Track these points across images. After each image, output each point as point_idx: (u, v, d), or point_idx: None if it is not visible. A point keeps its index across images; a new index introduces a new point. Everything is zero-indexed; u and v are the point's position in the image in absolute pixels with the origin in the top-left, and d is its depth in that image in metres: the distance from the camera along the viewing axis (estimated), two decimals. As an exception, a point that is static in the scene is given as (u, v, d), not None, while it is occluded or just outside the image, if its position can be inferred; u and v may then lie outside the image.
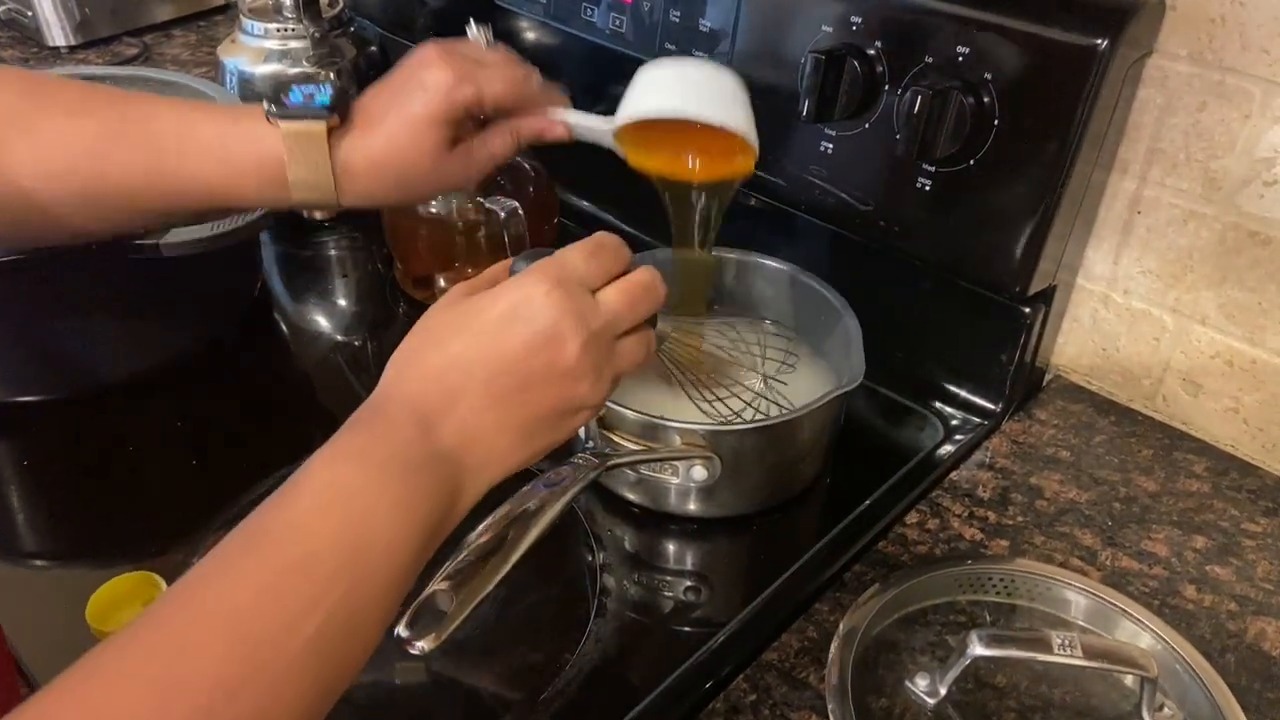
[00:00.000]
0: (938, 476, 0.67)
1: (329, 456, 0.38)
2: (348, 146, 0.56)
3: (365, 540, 0.36)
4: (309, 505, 0.36)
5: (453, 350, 0.42)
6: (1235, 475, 0.68)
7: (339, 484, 0.37)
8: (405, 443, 0.39)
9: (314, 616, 0.33)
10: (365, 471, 0.38)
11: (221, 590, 0.33)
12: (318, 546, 0.35)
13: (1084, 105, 0.59)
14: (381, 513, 0.37)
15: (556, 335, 0.42)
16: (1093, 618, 0.56)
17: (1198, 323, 0.68)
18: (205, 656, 0.31)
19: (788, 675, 0.54)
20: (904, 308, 0.75)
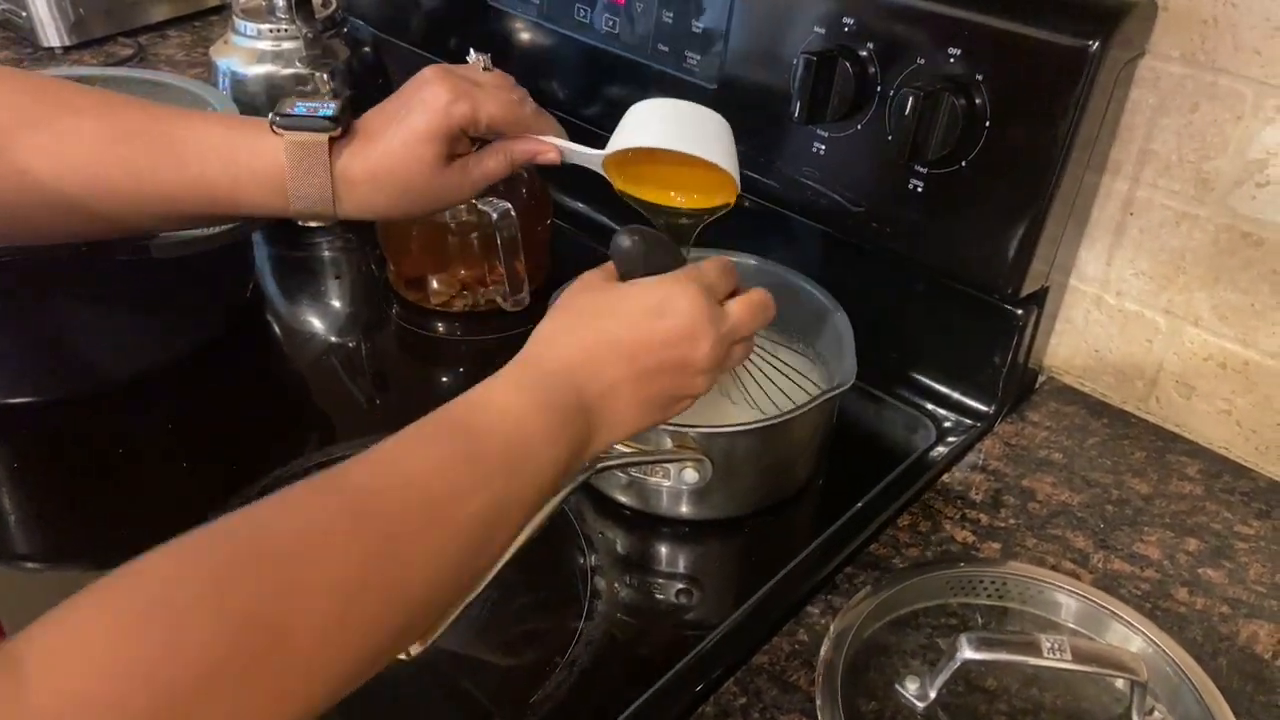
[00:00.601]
0: (930, 479, 0.67)
1: (498, 384, 0.46)
2: (348, 158, 0.58)
3: (521, 454, 0.43)
4: (482, 414, 0.44)
5: (604, 327, 0.49)
6: (1228, 478, 0.67)
7: (505, 404, 0.45)
8: (560, 391, 0.46)
9: (477, 497, 0.41)
10: (525, 400, 0.45)
11: (408, 461, 0.41)
12: (486, 448, 0.42)
13: (1076, 106, 0.58)
14: (537, 438, 0.44)
15: (694, 333, 0.49)
16: (1084, 621, 0.56)
17: (1191, 324, 0.68)
18: (393, 500, 0.38)
19: (778, 678, 0.54)
20: (896, 309, 0.75)
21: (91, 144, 0.56)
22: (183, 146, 0.57)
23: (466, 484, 0.41)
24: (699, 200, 0.62)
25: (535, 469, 0.44)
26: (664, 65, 0.78)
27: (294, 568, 0.34)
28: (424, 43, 1.03)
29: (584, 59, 0.85)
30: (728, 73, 0.74)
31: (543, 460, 0.44)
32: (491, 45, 0.93)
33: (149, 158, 0.57)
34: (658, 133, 0.59)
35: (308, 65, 0.88)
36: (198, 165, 0.57)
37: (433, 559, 0.39)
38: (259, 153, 0.58)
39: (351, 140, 0.59)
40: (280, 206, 0.59)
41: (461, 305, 0.84)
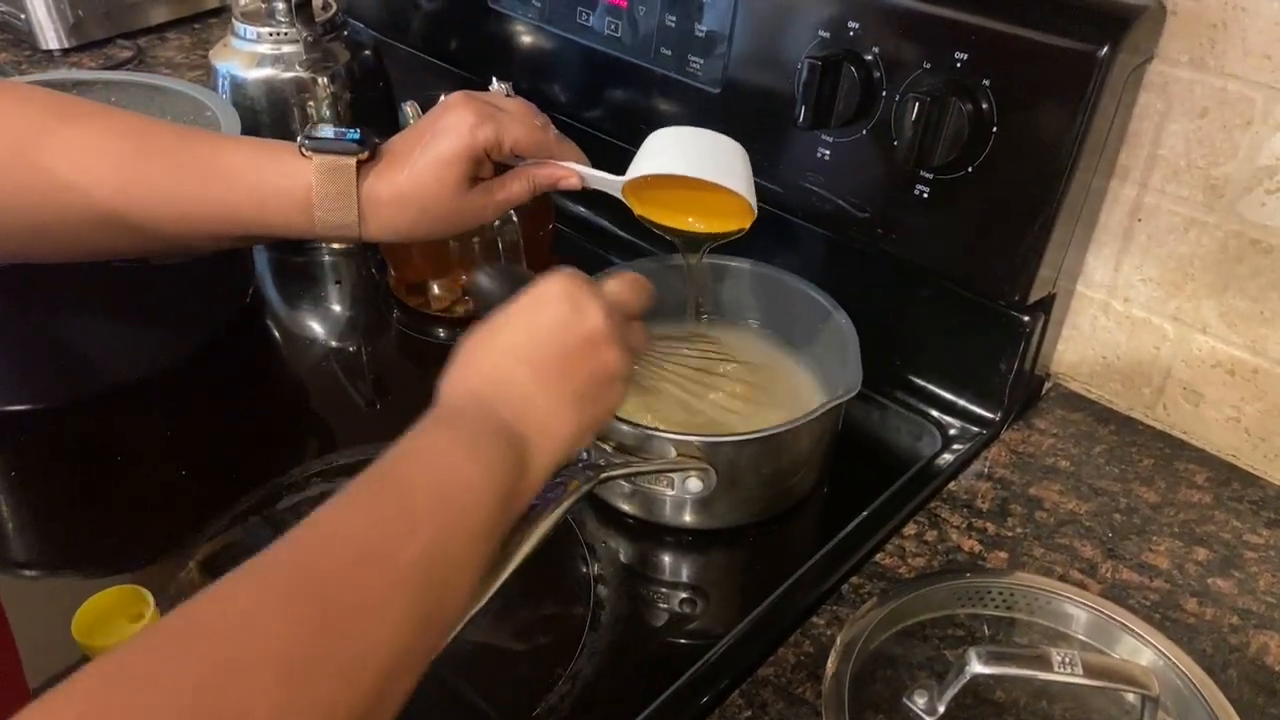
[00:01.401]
0: (936, 487, 0.67)
1: (414, 433, 0.44)
2: (374, 180, 0.59)
3: (450, 490, 0.42)
4: (401, 462, 0.42)
5: (496, 348, 0.48)
6: (1237, 486, 0.67)
7: (423, 444, 0.44)
8: (475, 418, 0.45)
9: (413, 542, 0.39)
10: (445, 438, 0.44)
11: (333, 525, 0.39)
12: (411, 494, 0.41)
13: (1084, 112, 0.58)
14: (463, 467, 0.43)
15: (579, 308, 0.48)
16: (1093, 632, 0.55)
17: (1199, 331, 0.67)
18: (324, 567, 0.37)
19: (784, 691, 0.54)
20: (902, 315, 0.74)
21: (118, 157, 0.56)
22: (210, 166, 0.58)
23: (398, 531, 0.39)
24: (715, 224, 0.64)
25: (470, 501, 0.42)
26: (666, 69, 0.78)
27: (227, 656, 0.32)
28: (425, 46, 1.02)
29: (586, 63, 0.85)
30: (731, 77, 0.74)
31: (476, 490, 0.42)
32: (492, 48, 0.93)
33: (176, 175, 0.57)
34: (677, 160, 0.60)
35: (308, 69, 0.87)
36: (225, 184, 0.58)
37: (380, 618, 0.36)
38: (287, 174, 0.58)
39: (378, 163, 0.59)
40: (306, 228, 0.59)
41: (463, 310, 0.83)
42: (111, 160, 0.56)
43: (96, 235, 0.57)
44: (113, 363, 0.74)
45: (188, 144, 0.58)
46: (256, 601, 0.34)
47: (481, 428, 0.45)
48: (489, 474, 0.43)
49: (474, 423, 0.45)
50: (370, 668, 0.35)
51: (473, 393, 0.47)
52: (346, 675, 0.34)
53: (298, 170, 0.58)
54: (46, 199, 0.55)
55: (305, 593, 0.35)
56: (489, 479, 0.43)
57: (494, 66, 0.94)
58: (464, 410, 0.46)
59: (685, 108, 0.78)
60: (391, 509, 0.40)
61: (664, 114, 0.80)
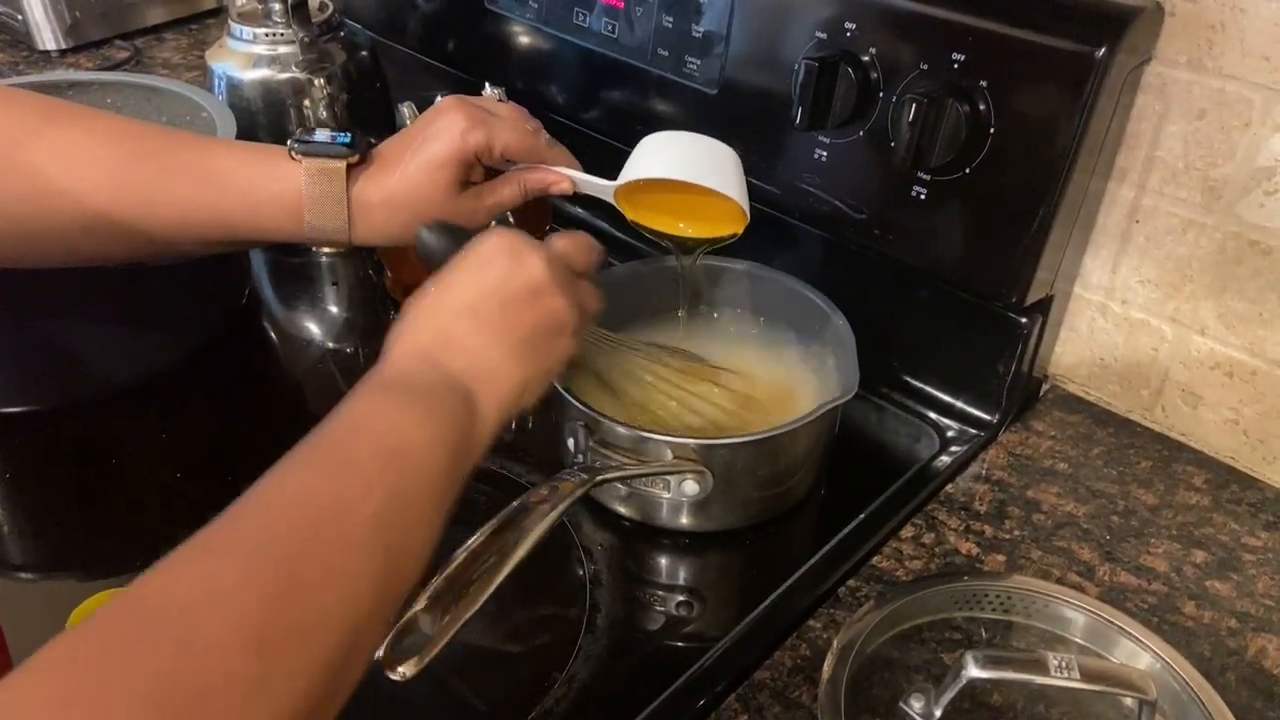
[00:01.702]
0: (933, 489, 0.66)
1: (353, 396, 0.43)
2: (364, 183, 0.59)
3: (398, 447, 0.41)
4: (343, 427, 0.42)
5: (440, 305, 0.48)
6: (1235, 488, 0.67)
7: (364, 409, 0.43)
8: (419, 373, 0.45)
9: (367, 502, 0.38)
10: (386, 397, 0.44)
11: (283, 491, 0.38)
12: (358, 454, 0.40)
13: (1082, 113, 0.58)
14: (408, 425, 0.42)
15: (520, 260, 0.49)
16: (1091, 636, 0.55)
17: (1197, 333, 0.67)
18: (277, 533, 0.36)
19: (780, 694, 0.53)
20: (899, 317, 0.74)
21: (107, 160, 0.56)
22: (200, 169, 0.57)
23: (350, 494, 0.39)
24: (708, 229, 0.64)
25: (421, 458, 0.42)
26: (664, 70, 0.77)
27: (190, 632, 0.32)
28: (422, 47, 1.02)
29: (583, 64, 0.84)
30: (728, 78, 0.73)
31: (423, 446, 0.42)
32: (489, 49, 0.92)
33: (166, 177, 0.57)
34: (669, 164, 0.60)
35: (304, 70, 0.87)
36: (215, 188, 0.57)
37: (342, 580, 0.36)
38: (277, 178, 0.58)
39: (368, 166, 0.59)
40: (295, 231, 0.59)
41: (459, 312, 0.83)
42: (101, 163, 0.56)
43: (87, 240, 0.57)
44: (109, 364, 0.74)
45: (178, 147, 0.58)
46: (213, 576, 0.34)
47: (425, 384, 0.45)
48: (435, 428, 0.43)
49: (419, 376, 0.45)
50: (335, 630, 0.35)
51: (418, 351, 0.47)
52: (312, 642, 0.34)
53: (288, 174, 0.58)
54: (34, 202, 0.55)
55: (263, 563, 0.35)
56: (435, 433, 0.43)
57: (491, 67, 0.94)
58: (409, 370, 0.46)
59: (682, 109, 0.78)
60: (341, 473, 0.39)
61: (661, 115, 0.80)
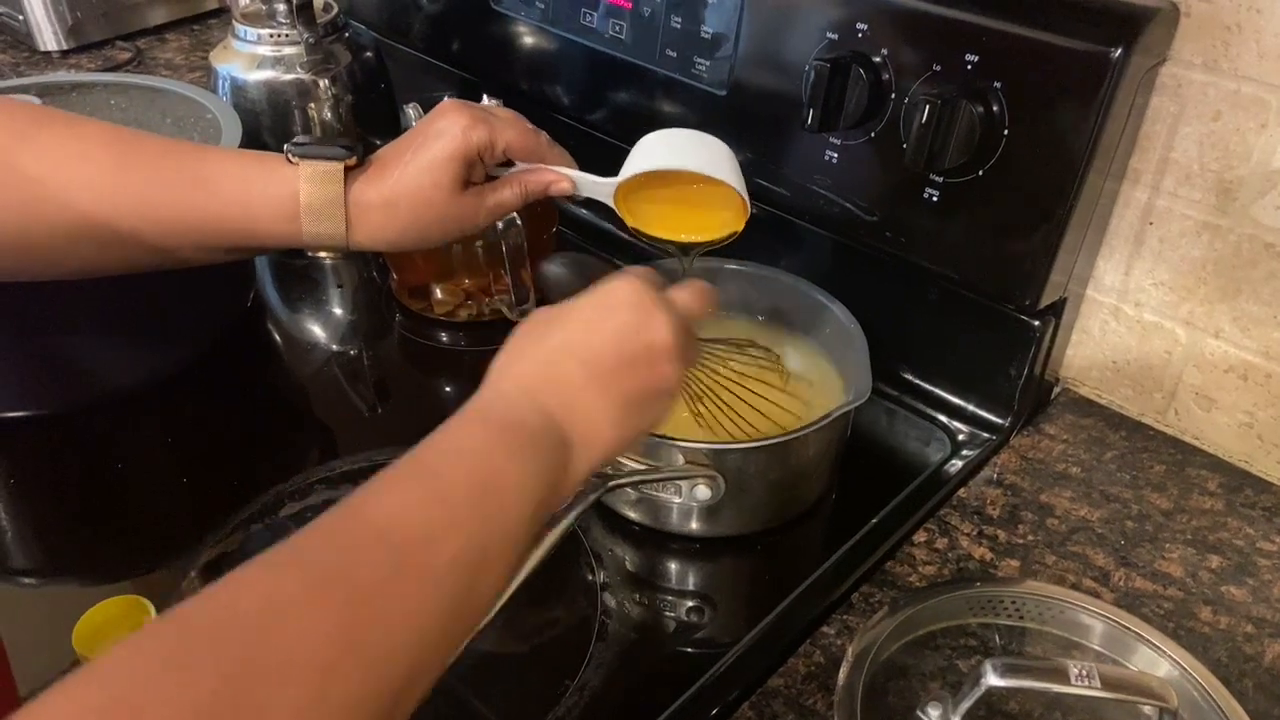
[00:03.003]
0: (946, 494, 0.66)
1: (455, 421, 0.43)
2: (363, 185, 0.58)
3: (491, 485, 0.40)
4: (442, 453, 0.41)
5: (553, 341, 0.46)
6: (1249, 492, 0.66)
7: (466, 439, 0.42)
8: (522, 413, 0.44)
9: (452, 539, 0.38)
10: (488, 431, 0.43)
11: (368, 513, 0.38)
12: (452, 487, 0.39)
13: (1097, 114, 0.57)
14: (506, 469, 0.41)
15: (648, 318, 0.47)
16: (1108, 643, 0.55)
17: (1211, 336, 0.67)
18: (358, 558, 0.35)
19: (794, 702, 0.53)
20: (911, 320, 0.73)
21: (100, 164, 0.55)
22: (194, 172, 0.57)
23: (438, 528, 0.38)
24: (709, 229, 0.64)
25: (509, 502, 0.41)
26: (671, 71, 0.77)
27: (256, 650, 0.31)
28: (427, 47, 1.02)
29: (589, 64, 0.84)
30: (738, 79, 0.73)
31: (517, 491, 0.41)
32: (495, 50, 0.92)
33: (160, 182, 0.56)
34: (666, 156, 0.60)
35: (309, 70, 0.87)
36: (212, 191, 0.56)
37: (413, 617, 0.35)
38: (274, 181, 0.57)
39: (367, 169, 0.59)
40: (292, 235, 0.58)
41: (465, 315, 0.83)
42: (94, 167, 0.55)
43: (81, 248, 0.56)
44: (113, 369, 0.74)
45: (172, 152, 0.57)
46: (285, 594, 0.33)
47: (529, 424, 0.43)
48: (528, 475, 0.42)
49: (522, 417, 0.43)
50: (400, 664, 0.35)
51: (524, 385, 0.45)
52: (374, 673, 0.34)
53: (285, 177, 0.57)
54: (28, 209, 0.54)
55: (339, 588, 0.34)
56: (528, 481, 0.42)
57: (496, 68, 0.93)
58: (514, 401, 0.44)
59: (690, 110, 0.77)
60: (431, 505, 0.39)
61: (669, 116, 0.79)
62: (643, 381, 0.47)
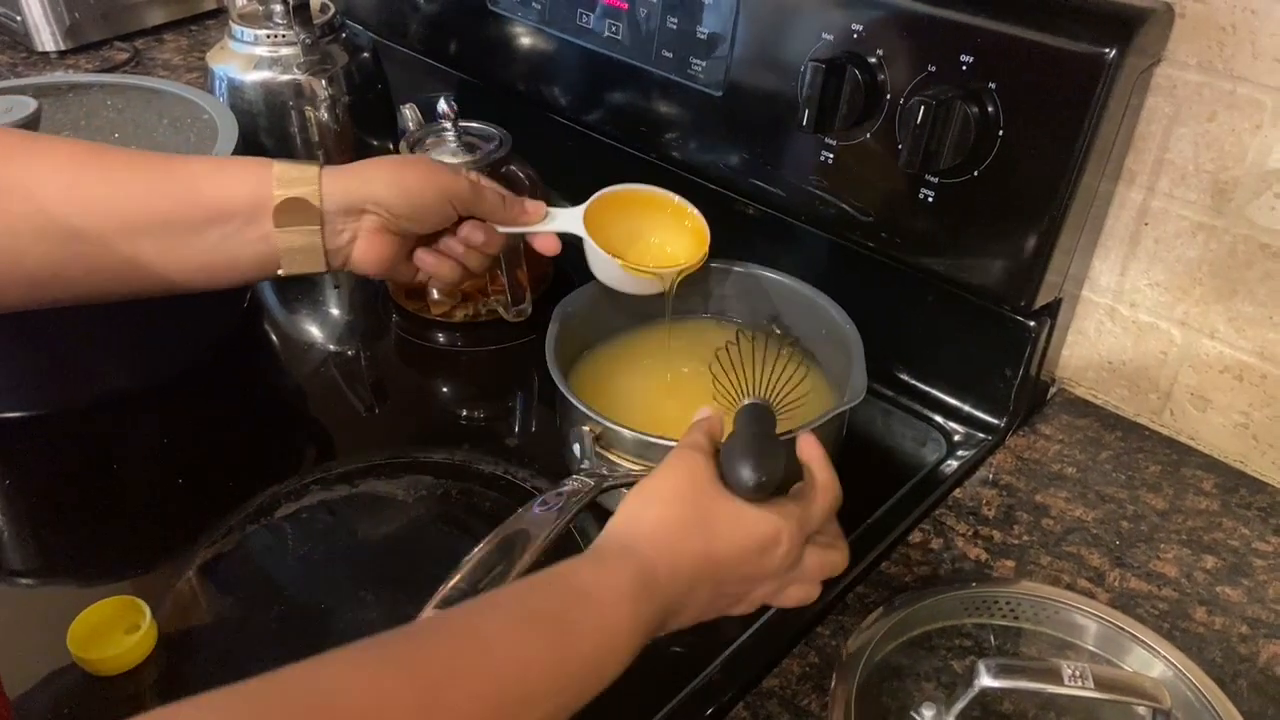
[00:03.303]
0: (941, 494, 0.66)
1: (614, 583, 0.43)
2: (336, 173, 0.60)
3: (604, 664, 0.42)
4: (583, 615, 0.42)
5: (712, 549, 0.47)
6: (1245, 492, 0.66)
7: (611, 613, 0.43)
8: (657, 602, 0.44)
9: (549, 702, 0.39)
10: (632, 614, 0.43)
11: (493, 649, 0.38)
12: (575, 653, 0.41)
13: (1091, 115, 0.57)
14: (622, 648, 0.42)
15: (788, 563, 0.49)
16: (1102, 643, 0.55)
17: (1207, 336, 0.67)
18: (465, 696, 0.36)
19: (789, 703, 0.53)
20: (906, 320, 0.74)
21: (69, 167, 0.54)
22: (167, 164, 0.57)
23: (543, 689, 0.39)
24: (671, 255, 0.71)
25: (608, 677, 0.42)
26: (668, 72, 0.77)
27: None
28: (424, 48, 1.02)
29: (586, 65, 0.84)
30: (733, 79, 0.73)
31: (616, 669, 0.42)
32: (492, 50, 0.92)
33: (130, 167, 0.56)
34: (623, 185, 0.70)
35: (306, 71, 0.87)
36: (182, 176, 0.56)
37: None
38: (248, 164, 0.58)
39: None
40: (264, 202, 0.57)
41: (462, 315, 0.83)
42: (66, 171, 0.54)
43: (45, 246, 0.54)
44: (111, 370, 0.74)
45: (139, 154, 0.57)
46: (393, 709, 0.34)
47: (655, 613, 0.44)
48: (630, 654, 0.43)
49: (655, 606, 0.44)
50: None
51: (673, 579, 0.45)
52: None
53: (262, 172, 0.58)
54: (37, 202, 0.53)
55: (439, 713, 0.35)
56: (627, 659, 0.43)
57: (493, 69, 0.93)
58: (658, 590, 0.45)
59: (687, 110, 0.77)
60: (549, 664, 0.39)
61: (665, 117, 0.79)
62: (749, 593, 0.49)
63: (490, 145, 0.78)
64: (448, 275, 0.66)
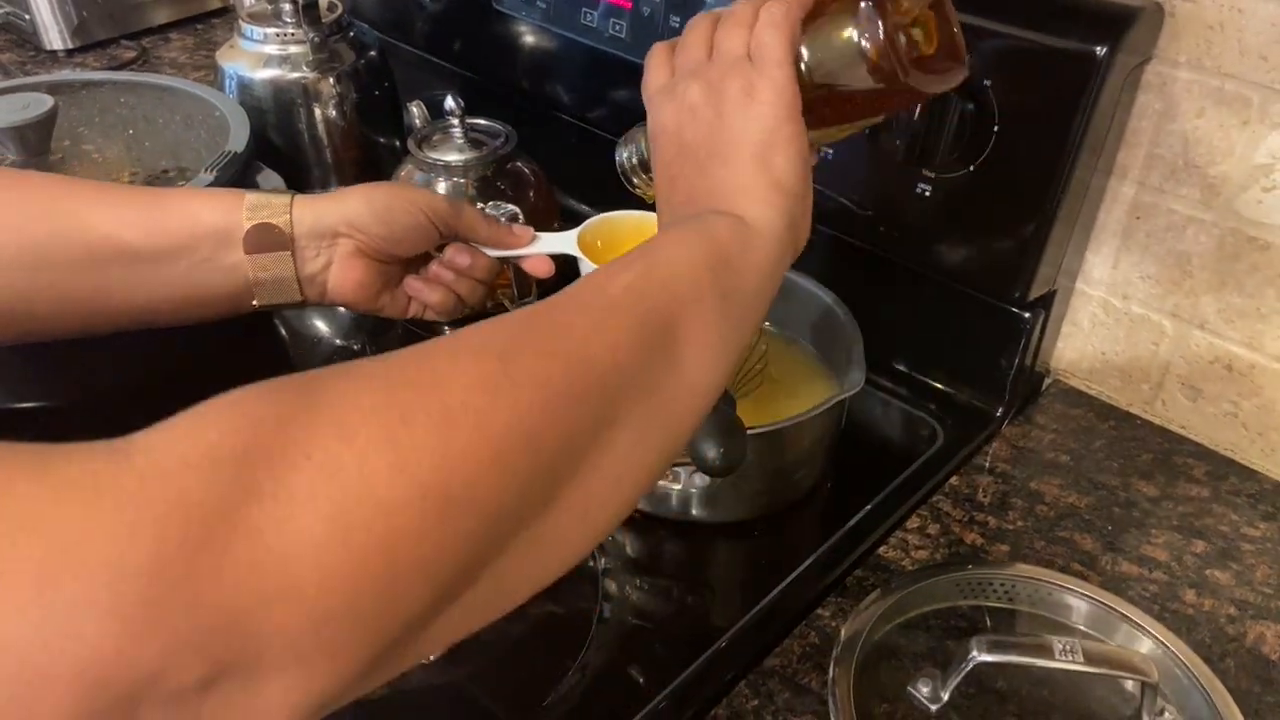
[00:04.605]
0: (938, 481, 0.68)
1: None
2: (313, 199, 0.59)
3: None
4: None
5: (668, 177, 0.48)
6: (1234, 480, 0.68)
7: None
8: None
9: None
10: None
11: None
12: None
13: (1083, 112, 0.59)
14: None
15: (672, 95, 0.48)
16: (1093, 623, 0.56)
17: (1197, 328, 0.68)
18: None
19: (790, 680, 0.54)
20: (904, 312, 0.75)
21: (39, 199, 0.54)
22: (139, 195, 0.57)
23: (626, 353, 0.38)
24: None
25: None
26: (671, 69, 0.78)
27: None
28: (429, 47, 1.03)
29: (590, 63, 0.85)
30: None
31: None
32: (496, 49, 0.93)
33: (101, 203, 0.55)
34: (616, 212, 0.68)
35: (314, 69, 0.88)
36: (154, 199, 0.56)
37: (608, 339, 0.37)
38: (221, 193, 0.58)
39: None
40: (234, 224, 0.56)
41: (467, 309, 0.84)
42: (36, 206, 0.54)
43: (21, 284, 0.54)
44: (117, 361, 0.75)
45: (116, 188, 0.57)
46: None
47: (689, 233, 0.43)
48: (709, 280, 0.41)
49: (682, 226, 0.44)
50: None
51: (668, 214, 0.47)
52: (551, 358, 0.35)
53: (232, 201, 0.57)
54: None
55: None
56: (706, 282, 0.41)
57: (498, 67, 0.95)
58: (672, 221, 0.46)
59: (689, 107, 0.79)
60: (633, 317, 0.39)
61: (668, 114, 0.80)
62: (705, 124, 0.46)
63: (496, 142, 0.79)
64: (439, 302, 0.64)
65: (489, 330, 0.36)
